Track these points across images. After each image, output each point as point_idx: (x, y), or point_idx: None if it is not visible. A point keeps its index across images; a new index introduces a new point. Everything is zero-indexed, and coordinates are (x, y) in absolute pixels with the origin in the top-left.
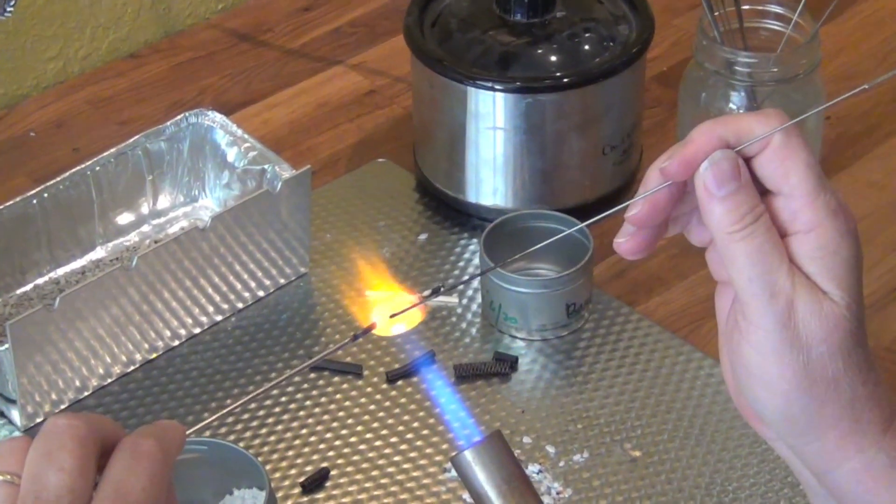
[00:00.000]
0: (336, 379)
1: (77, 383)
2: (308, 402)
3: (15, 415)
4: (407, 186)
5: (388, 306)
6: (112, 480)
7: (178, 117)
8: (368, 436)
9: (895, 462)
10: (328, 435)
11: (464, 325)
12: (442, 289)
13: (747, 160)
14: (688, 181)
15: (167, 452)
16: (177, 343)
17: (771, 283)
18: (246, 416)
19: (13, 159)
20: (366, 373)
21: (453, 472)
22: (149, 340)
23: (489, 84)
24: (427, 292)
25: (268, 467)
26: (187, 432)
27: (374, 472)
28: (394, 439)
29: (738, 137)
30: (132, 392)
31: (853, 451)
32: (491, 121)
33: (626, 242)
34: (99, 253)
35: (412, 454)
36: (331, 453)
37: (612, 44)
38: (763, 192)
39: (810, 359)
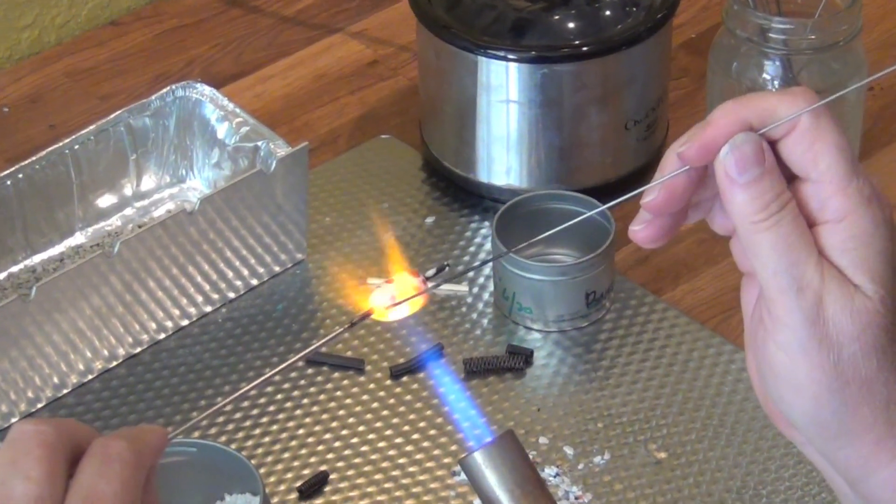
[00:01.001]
0: (336, 374)
1: (55, 380)
2: (305, 400)
3: None
4: (413, 165)
5: (391, 292)
6: (81, 486)
7: (164, 91)
8: (371, 436)
9: None
10: (327, 436)
11: (474, 316)
12: (447, 266)
13: (772, 144)
14: (708, 165)
15: (141, 454)
16: (163, 336)
17: (798, 276)
18: (238, 415)
19: None
20: (368, 368)
21: (462, 476)
22: (133, 333)
23: (501, 53)
24: (431, 272)
25: (262, 471)
26: (171, 434)
27: (377, 476)
28: (398, 440)
29: (761, 119)
30: (115, 390)
31: (888, 458)
32: (504, 93)
33: (642, 230)
34: (78, 238)
35: (418, 456)
36: (330, 455)
37: (635, 9)
38: (790, 179)
39: (841, 358)
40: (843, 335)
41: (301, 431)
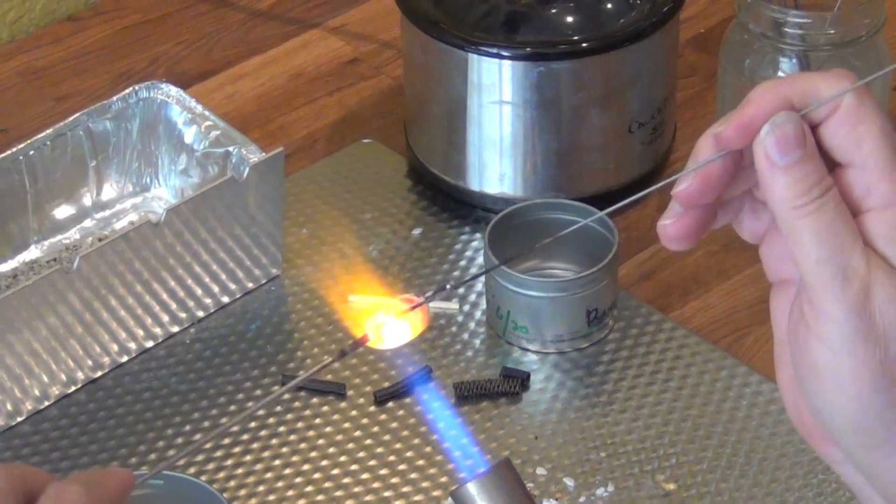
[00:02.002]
0: (314, 400)
1: (8, 407)
2: (281, 429)
3: None
4: (398, 172)
5: (377, 314)
6: None
7: (126, 91)
8: (353, 467)
9: None
10: (305, 467)
11: (465, 336)
12: (449, 287)
13: (813, 129)
14: (745, 152)
15: (100, 501)
16: (126, 359)
17: (843, 265)
18: (208, 444)
19: None
20: (349, 392)
21: None
22: (93, 356)
23: (494, 50)
24: (429, 294)
25: None
26: (140, 481)
27: None
28: (383, 471)
29: (803, 99)
30: (74, 417)
31: None
32: (496, 94)
33: (673, 224)
34: (33, 253)
35: (405, 489)
36: (309, 488)
37: (639, 1)
38: (831, 167)
39: (888, 354)
40: (891, 328)
41: (277, 462)
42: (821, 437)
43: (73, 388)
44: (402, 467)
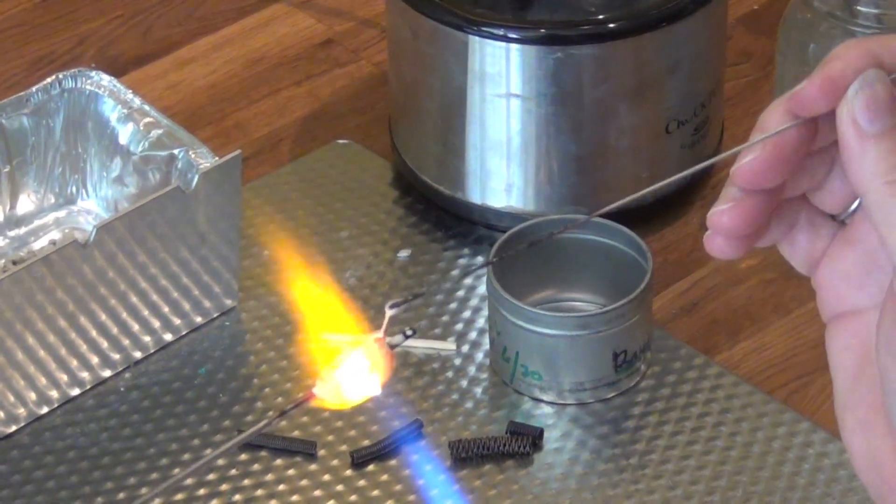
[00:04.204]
0: (278, 461)
1: None
2: (238, 497)
3: None
4: (381, 180)
5: (348, 356)
6: None
7: (48, 81)
8: None
9: None
10: None
11: (464, 383)
12: (413, 298)
13: None
14: (820, 126)
15: None
16: (46, 410)
17: None
18: None
19: None
20: (321, 452)
21: None
22: (5, 407)
23: (500, 32)
24: (391, 305)
25: None
26: None
27: None
28: None
29: (894, 60)
30: None
31: None
32: (503, 85)
33: (729, 212)
34: None
35: None
36: None
37: None
38: None
39: None
40: None
41: None
42: None
43: None
44: None
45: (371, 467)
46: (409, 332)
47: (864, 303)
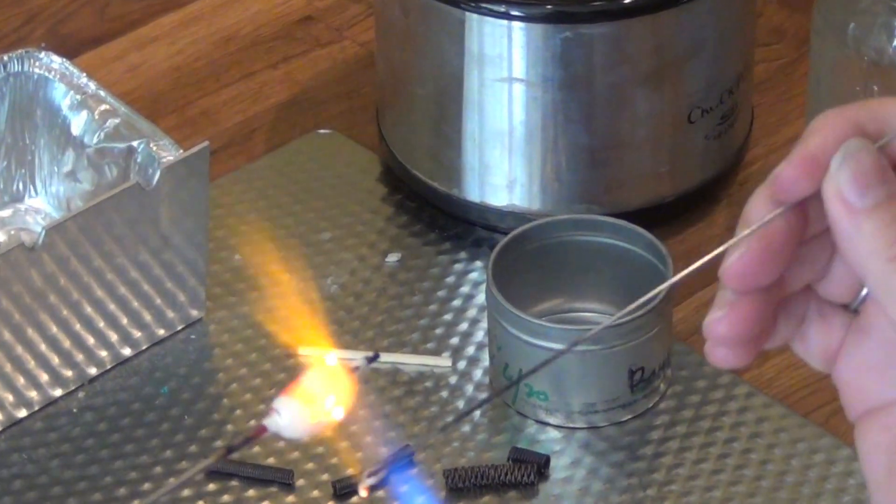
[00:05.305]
0: (251, 492)
1: None
2: None
3: None
4: (367, 175)
5: (302, 381)
6: None
7: None
8: None
9: None
10: None
11: (461, 405)
12: (378, 357)
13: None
14: (810, 214)
15: None
16: None
17: None
18: None
19: None
20: (299, 482)
21: None
22: None
23: (502, 8)
24: (357, 360)
25: None
26: None
27: None
28: None
29: (879, 126)
30: None
31: None
32: (504, 68)
33: (723, 319)
34: None
35: None
36: None
37: None
38: None
39: None
40: None
41: None
42: None
43: None
44: None
45: (355, 499)
46: (371, 355)
47: (890, 394)
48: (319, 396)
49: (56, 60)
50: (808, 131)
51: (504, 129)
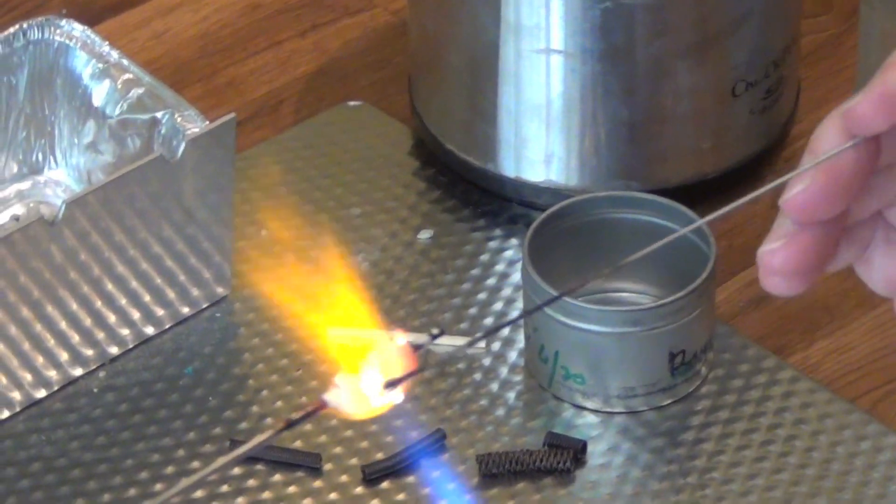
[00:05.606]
0: (277, 477)
1: None
2: None
3: None
4: (398, 149)
5: (361, 359)
6: None
7: (10, 31)
8: None
9: None
10: None
11: (494, 387)
12: (442, 333)
13: None
14: (884, 143)
15: None
16: (7, 415)
17: None
18: None
19: None
20: (327, 466)
21: None
22: None
23: None
24: (419, 338)
25: None
26: None
27: None
28: None
29: None
30: None
31: None
32: (542, 39)
33: (780, 250)
34: None
35: None
36: None
37: None
38: None
39: None
40: None
41: None
42: None
43: None
44: None
45: (385, 484)
46: (435, 332)
47: None
48: (380, 375)
49: (77, 28)
50: (888, 65)
51: (541, 102)
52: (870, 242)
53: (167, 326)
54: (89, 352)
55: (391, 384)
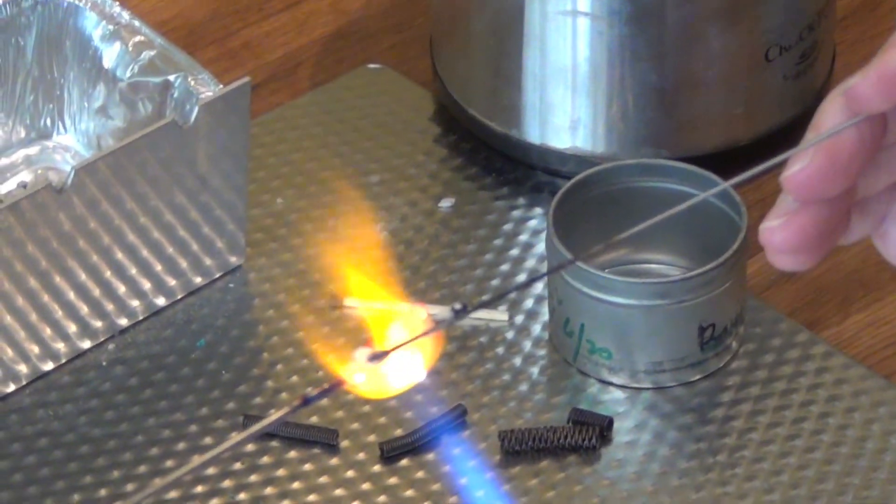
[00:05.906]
0: (292, 454)
1: None
2: (243, 496)
3: None
4: (419, 114)
5: (380, 331)
6: None
7: None
8: None
9: None
10: None
11: (517, 362)
12: (467, 308)
13: None
14: (891, 119)
15: None
16: (13, 389)
17: None
18: None
19: None
20: (344, 443)
21: None
22: None
23: None
24: (444, 312)
25: None
26: None
27: None
28: None
29: None
30: None
31: None
32: (569, 0)
33: (781, 227)
34: None
35: None
36: None
37: None
38: None
39: None
40: None
41: None
42: None
43: None
44: None
45: (404, 462)
46: (457, 307)
47: None
48: (402, 351)
49: None
50: (888, 44)
51: (567, 66)
52: (886, 215)
53: (179, 297)
54: (98, 323)
55: (381, 355)
